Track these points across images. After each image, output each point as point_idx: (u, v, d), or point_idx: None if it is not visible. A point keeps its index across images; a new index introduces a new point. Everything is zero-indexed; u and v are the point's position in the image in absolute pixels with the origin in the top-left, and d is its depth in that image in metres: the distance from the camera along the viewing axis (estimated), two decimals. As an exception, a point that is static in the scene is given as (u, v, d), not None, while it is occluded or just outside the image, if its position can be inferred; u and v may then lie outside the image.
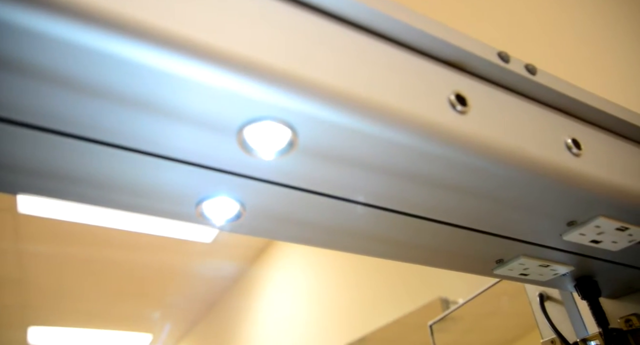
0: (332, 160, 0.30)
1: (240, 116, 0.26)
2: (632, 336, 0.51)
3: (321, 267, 2.33)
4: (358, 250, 0.40)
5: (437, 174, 0.32)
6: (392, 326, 1.75)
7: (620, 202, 0.37)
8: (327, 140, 0.29)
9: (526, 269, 0.47)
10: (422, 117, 0.29)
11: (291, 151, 0.29)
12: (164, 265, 3.25)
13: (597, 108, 0.37)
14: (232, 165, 0.29)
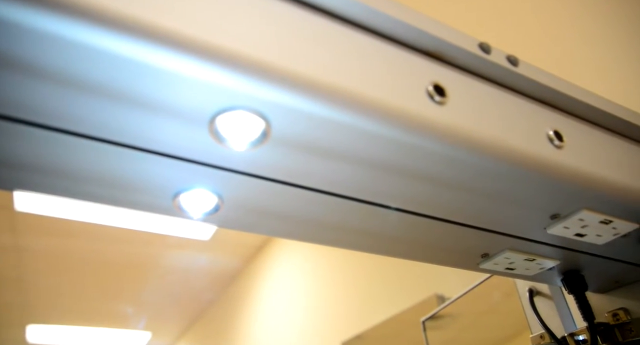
0: (308, 152, 0.30)
1: (212, 106, 0.26)
2: (619, 330, 0.51)
3: (319, 265, 2.34)
4: (338, 243, 0.40)
5: (415, 166, 0.32)
6: (389, 323, 1.76)
7: (603, 195, 0.37)
8: (302, 131, 0.28)
9: (512, 263, 0.47)
10: (398, 108, 0.29)
11: (265, 142, 0.28)
12: (163, 263, 3.25)
13: (580, 100, 0.37)
14: (206, 157, 0.29)
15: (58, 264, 3.12)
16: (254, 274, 3.18)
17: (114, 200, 0.33)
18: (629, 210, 0.39)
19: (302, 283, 2.46)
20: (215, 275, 3.46)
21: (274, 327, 2.67)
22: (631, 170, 0.39)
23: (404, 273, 1.72)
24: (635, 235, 0.43)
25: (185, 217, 0.34)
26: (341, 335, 1.98)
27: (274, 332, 2.66)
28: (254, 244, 3.13)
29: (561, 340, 0.56)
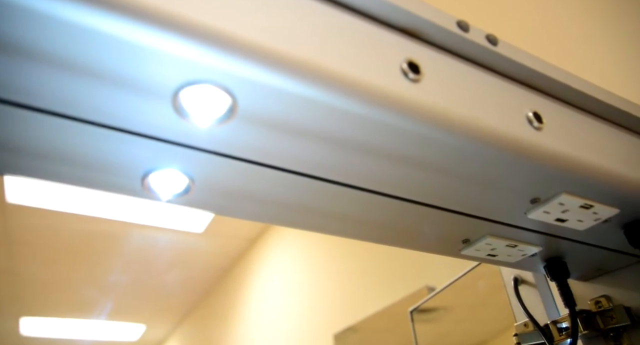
0: (277, 130, 0.29)
1: (174, 79, 0.25)
2: (600, 317, 0.51)
3: (312, 258, 2.34)
4: (313, 227, 0.39)
5: (390, 146, 0.31)
6: (381, 315, 1.76)
7: (583, 178, 0.37)
8: (270, 108, 0.28)
9: (494, 250, 0.46)
10: (370, 84, 0.28)
11: (231, 119, 0.28)
12: (156, 255, 3.25)
13: (560, 81, 0.36)
14: (171, 134, 0.28)
15: (51, 256, 3.10)
16: (247, 266, 3.18)
17: (80, 180, 0.32)
18: (609, 195, 0.39)
19: (295, 275, 2.46)
20: (209, 267, 3.46)
21: (268, 320, 2.67)
22: (611, 154, 0.38)
23: (396, 265, 1.73)
24: (616, 221, 0.43)
25: (154, 199, 0.33)
26: (335, 326, 1.98)
27: (267, 324, 2.67)
28: (248, 236, 3.12)
29: (544, 327, 0.56)
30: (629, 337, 0.50)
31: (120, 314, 4.05)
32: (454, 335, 1.39)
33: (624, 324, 0.49)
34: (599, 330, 0.51)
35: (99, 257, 3.18)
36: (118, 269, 3.36)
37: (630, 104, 0.40)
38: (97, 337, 4.33)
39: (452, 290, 1.01)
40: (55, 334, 4.16)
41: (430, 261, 1.58)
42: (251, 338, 2.85)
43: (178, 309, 4.10)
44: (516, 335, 0.59)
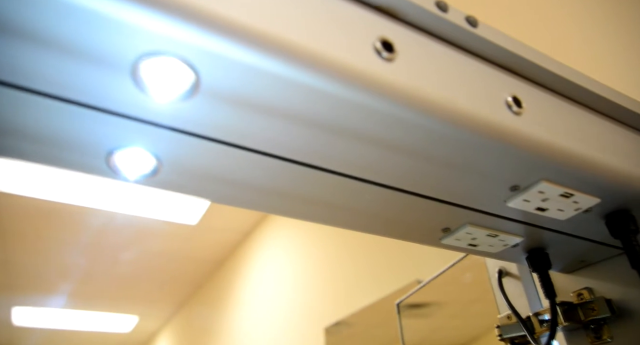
0: (245, 108, 0.28)
1: (133, 49, 0.24)
2: (582, 309, 0.51)
3: (305, 251, 2.33)
4: (287, 212, 0.38)
5: (363, 127, 0.30)
6: (371, 309, 1.76)
7: (562, 166, 0.36)
8: (237, 85, 0.27)
9: (474, 239, 0.46)
10: (339, 61, 0.27)
11: (195, 95, 0.27)
12: (149, 247, 3.24)
13: (541, 66, 0.35)
14: (133, 110, 0.27)
15: (44, 246, 3.09)
16: (241, 259, 3.18)
17: (42, 158, 0.31)
18: (590, 183, 0.38)
19: (288, 268, 2.46)
20: (202, 260, 3.46)
21: (260, 312, 2.67)
22: (592, 142, 0.38)
23: (388, 259, 1.73)
24: (597, 210, 0.42)
25: (120, 179, 0.32)
26: (326, 319, 1.98)
27: (260, 317, 2.67)
28: (242, 229, 3.12)
29: (526, 319, 0.55)
30: (609, 329, 0.50)
31: (113, 306, 4.04)
32: (446, 330, 1.39)
33: (605, 315, 0.49)
34: (580, 322, 0.51)
35: (92, 248, 3.17)
36: (111, 261, 3.36)
37: (612, 91, 0.39)
38: (90, 328, 4.33)
39: (444, 286, 1.01)
40: (48, 324, 4.15)
41: (422, 255, 1.58)
42: (244, 330, 2.85)
43: (171, 301, 4.10)
44: (498, 327, 0.59)
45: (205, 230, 3.07)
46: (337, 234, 2.09)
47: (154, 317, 4.40)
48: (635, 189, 0.40)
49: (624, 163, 0.39)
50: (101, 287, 3.70)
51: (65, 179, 2.40)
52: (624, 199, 0.41)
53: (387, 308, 1.70)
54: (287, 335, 2.31)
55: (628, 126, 0.42)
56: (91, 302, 3.92)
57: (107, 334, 4.55)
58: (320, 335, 2.00)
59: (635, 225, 0.42)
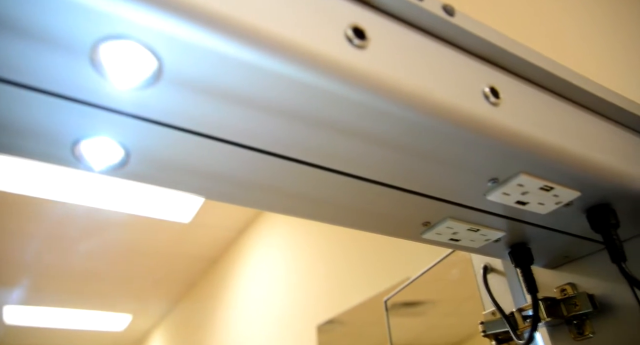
0: (212, 96, 0.27)
1: (91, 32, 0.23)
2: (564, 305, 0.50)
3: (299, 249, 2.33)
4: (265, 206, 0.37)
5: (337, 118, 0.30)
6: (361, 308, 1.76)
7: (541, 158, 0.35)
8: (203, 73, 0.26)
9: (456, 234, 0.45)
10: (309, 47, 0.26)
11: (158, 82, 0.26)
12: (142, 245, 3.22)
13: (519, 56, 0.35)
14: (94, 97, 0.26)
15: (36, 244, 3.06)
16: (234, 257, 3.17)
17: (6, 148, 0.30)
18: (569, 177, 0.38)
19: (282, 266, 2.45)
20: (196, 258, 3.44)
21: (254, 310, 2.67)
22: (571, 134, 0.37)
23: (382, 257, 1.72)
24: (578, 204, 0.42)
25: (87, 170, 0.31)
26: (319, 317, 1.98)
27: (253, 314, 2.66)
28: (235, 227, 3.11)
29: (509, 315, 0.55)
30: (591, 324, 0.49)
31: (106, 304, 4.02)
32: (440, 329, 1.39)
33: (587, 311, 0.48)
34: (562, 317, 0.50)
35: (85, 246, 3.15)
36: (104, 259, 3.34)
37: (591, 83, 0.39)
38: (83, 326, 4.30)
39: (437, 284, 1.00)
40: (40, 323, 4.13)
41: (414, 252, 1.57)
42: (237, 328, 2.84)
43: (164, 299, 4.09)
44: (482, 323, 0.58)
45: (198, 228, 3.06)
46: (330, 231, 2.09)
47: (147, 316, 4.38)
48: (615, 183, 0.39)
49: (603, 156, 0.39)
50: (94, 285, 3.68)
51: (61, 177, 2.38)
52: (604, 193, 0.40)
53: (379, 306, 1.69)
54: (280, 333, 2.30)
55: (608, 119, 0.42)
56: (84, 300, 3.89)
57: (101, 333, 4.53)
58: (312, 333, 1.99)
59: (616, 219, 0.41)
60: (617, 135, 0.42)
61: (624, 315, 0.47)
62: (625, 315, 0.47)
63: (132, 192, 2.60)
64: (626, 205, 0.42)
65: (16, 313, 3.88)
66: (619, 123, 0.43)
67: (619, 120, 0.43)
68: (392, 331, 1.19)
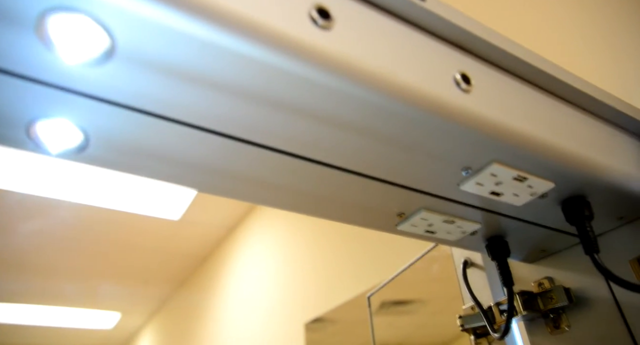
0: (170, 76, 0.26)
1: (38, 2, 0.22)
2: (541, 298, 0.50)
3: (288, 247, 2.32)
4: (227, 192, 0.36)
5: (302, 101, 0.29)
6: (350, 305, 1.75)
7: (513, 147, 0.35)
8: (160, 51, 0.25)
9: (431, 226, 0.45)
10: (271, 27, 0.26)
11: (112, 59, 0.25)
12: (131, 242, 3.19)
13: (491, 43, 0.34)
14: (42, 72, 0.25)
15: (24, 241, 3.02)
16: (224, 254, 3.15)
17: (-44, 128, 0.29)
18: (543, 167, 0.37)
19: (271, 264, 2.44)
20: (186, 255, 3.42)
21: (243, 309, 2.65)
22: (544, 123, 0.37)
23: (373, 254, 1.72)
24: (553, 196, 0.41)
25: (43, 152, 0.30)
26: (308, 314, 1.97)
27: (242, 313, 2.65)
28: (225, 224, 3.09)
29: (487, 309, 0.55)
30: (567, 318, 0.49)
31: (94, 302, 3.98)
32: (430, 328, 1.39)
33: (563, 304, 0.48)
34: (539, 311, 0.50)
35: (72, 244, 3.12)
36: (93, 256, 3.30)
37: (566, 72, 0.39)
38: (72, 324, 4.26)
39: (427, 283, 1.00)
40: (28, 321, 4.08)
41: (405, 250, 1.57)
42: (227, 326, 2.83)
43: (154, 297, 4.06)
44: (460, 318, 0.58)
45: (188, 225, 3.04)
46: (321, 229, 2.08)
47: (136, 314, 4.34)
48: (589, 174, 0.39)
49: (577, 147, 0.38)
50: (82, 282, 3.64)
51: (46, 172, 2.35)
52: (578, 184, 0.40)
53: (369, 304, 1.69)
54: (268, 331, 2.29)
55: (583, 110, 0.42)
56: (72, 298, 3.85)
57: (89, 331, 4.48)
58: (300, 331, 1.98)
59: (590, 211, 0.41)
60: (591, 126, 0.41)
61: (599, 308, 0.47)
62: (600, 308, 0.47)
63: (121, 188, 2.57)
64: (601, 197, 0.42)
65: (2, 311, 3.83)
66: (594, 114, 0.43)
67: (594, 111, 0.42)
68: (384, 330, 1.19)
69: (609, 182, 0.41)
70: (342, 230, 1.91)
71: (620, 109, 0.43)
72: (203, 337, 3.16)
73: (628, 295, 0.45)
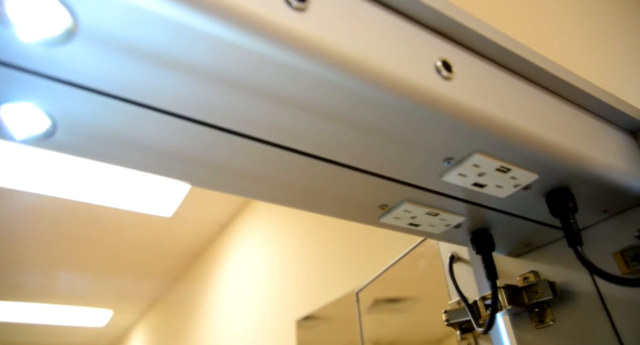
0: (140, 59, 0.25)
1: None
2: (526, 292, 0.50)
3: (281, 244, 2.31)
4: (203, 182, 0.35)
5: (278, 85, 0.28)
6: (339, 303, 1.75)
7: (496, 136, 0.34)
8: (126, 31, 0.24)
9: (414, 218, 0.44)
10: (242, 6, 0.25)
11: (74, 38, 0.24)
12: (123, 240, 3.17)
13: (474, 30, 0.34)
14: (5, 53, 0.24)
15: (14, 238, 2.99)
16: (217, 251, 3.13)
17: None
18: (526, 157, 0.37)
19: (263, 261, 2.43)
20: (178, 253, 3.40)
21: (236, 306, 2.64)
22: (528, 113, 0.36)
23: (365, 250, 1.71)
24: (537, 188, 0.41)
25: (7, 138, 0.29)
26: (300, 311, 1.97)
27: (235, 310, 2.64)
28: (218, 221, 3.07)
29: (472, 304, 0.54)
30: (552, 312, 0.49)
31: (86, 299, 3.95)
32: (424, 325, 1.39)
33: (547, 298, 0.48)
34: (524, 305, 0.50)
35: (64, 240, 3.09)
36: (85, 253, 3.27)
37: (550, 62, 0.38)
38: (63, 322, 4.23)
39: (421, 281, 0.99)
40: (19, 318, 4.04)
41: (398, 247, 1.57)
42: (220, 324, 2.82)
43: (146, 295, 4.03)
44: (446, 312, 0.57)
45: (180, 222, 3.02)
46: (314, 226, 2.07)
47: (128, 311, 4.32)
48: (573, 166, 0.38)
49: (562, 138, 0.38)
50: (74, 280, 3.61)
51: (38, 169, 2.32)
52: (562, 176, 0.39)
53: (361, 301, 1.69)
54: (261, 328, 2.28)
55: (567, 101, 0.41)
56: (64, 295, 3.82)
57: (81, 328, 4.45)
58: (292, 327, 1.98)
59: (574, 203, 0.41)
60: (576, 118, 0.41)
61: (583, 302, 0.46)
62: (584, 302, 0.46)
63: (114, 185, 2.55)
64: (585, 189, 0.41)
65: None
66: (579, 106, 0.42)
67: (579, 103, 0.42)
68: (376, 328, 1.18)
69: (593, 174, 0.40)
70: (335, 227, 1.91)
71: (605, 101, 0.43)
72: (195, 334, 3.15)
73: (612, 289, 0.45)
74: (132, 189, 2.61)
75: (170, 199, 2.74)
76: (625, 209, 0.45)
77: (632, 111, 0.46)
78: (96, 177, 2.47)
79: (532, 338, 0.50)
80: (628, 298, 0.43)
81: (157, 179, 2.04)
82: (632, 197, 0.44)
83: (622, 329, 0.43)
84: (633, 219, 0.45)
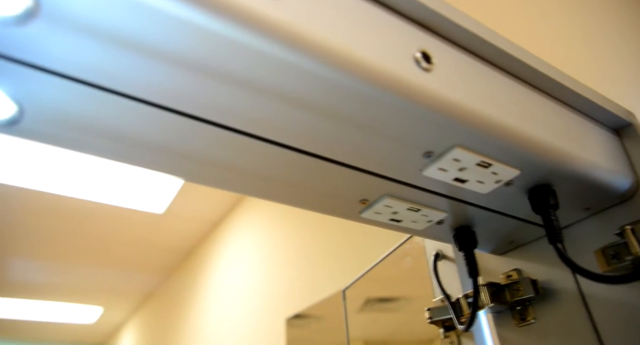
0: (105, 41, 0.24)
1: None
2: (508, 290, 0.49)
3: (272, 242, 2.30)
4: (178, 172, 0.35)
5: (251, 73, 0.27)
6: (329, 301, 1.74)
7: (476, 130, 0.34)
8: (92, 11, 0.23)
9: (396, 213, 0.44)
10: (210, -10, 0.24)
11: (37, 17, 0.23)
12: (114, 236, 3.14)
13: (455, 21, 0.33)
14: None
15: (4, 233, 2.96)
16: (208, 249, 3.12)
17: None
18: (508, 152, 0.36)
19: (254, 259, 2.42)
20: (169, 249, 3.38)
21: (226, 304, 2.63)
22: (509, 108, 0.36)
23: (358, 248, 1.71)
24: (519, 184, 0.40)
25: (-29, 122, 0.28)
26: (292, 309, 1.96)
27: (226, 308, 2.63)
28: (210, 218, 3.06)
29: (455, 301, 0.54)
30: (533, 310, 0.48)
31: (76, 296, 3.92)
32: (415, 325, 1.38)
33: (529, 296, 0.47)
34: (506, 303, 0.49)
35: (54, 236, 3.06)
36: (75, 249, 3.24)
37: (531, 56, 0.38)
38: (52, 319, 4.19)
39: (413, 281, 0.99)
40: (8, 314, 4.00)
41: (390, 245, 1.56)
42: (210, 322, 2.81)
43: (137, 292, 4.01)
44: (429, 310, 0.57)
45: (172, 219, 3.00)
46: (306, 224, 2.07)
47: (119, 308, 4.29)
48: (555, 162, 0.38)
49: (544, 134, 0.38)
50: (64, 276, 3.58)
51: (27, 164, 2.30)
52: (544, 172, 0.39)
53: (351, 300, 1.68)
54: (251, 327, 2.27)
55: (551, 97, 0.41)
56: (53, 291, 3.78)
57: (70, 325, 4.42)
58: (282, 326, 1.97)
59: (555, 199, 0.40)
60: (559, 114, 0.40)
61: (564, 300, 0.46)
62: (566, 300, 0.46)
63: (105, 180, 2.53)
64: (567, 186, 0.41)
65: (-19, 304, 3.75)
66: (562, 102, 0.42)
67: (562, 99, 0.41)
68: (368, 327, 1.18)
69: (575, 172, 0.40)
70: (326, 226, 1.90)
71: (589, 98, 0.43)
72: (186, 332, 3.13)
73: (593, 287, 0.45)
74: (124, 185, 2.59)
75: (162, 196, 2.72)
76: (607, 207, 0.45)
77: (616, 109, 0.46)
78: (88, 172, 2.45)
79: (514, 336, 0.50)
80: (608, 296, 0.43)
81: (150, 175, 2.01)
82: (614, 195, 0.44)
83: (602, 327, 0.43)
84: (615, 217, 0.44)
